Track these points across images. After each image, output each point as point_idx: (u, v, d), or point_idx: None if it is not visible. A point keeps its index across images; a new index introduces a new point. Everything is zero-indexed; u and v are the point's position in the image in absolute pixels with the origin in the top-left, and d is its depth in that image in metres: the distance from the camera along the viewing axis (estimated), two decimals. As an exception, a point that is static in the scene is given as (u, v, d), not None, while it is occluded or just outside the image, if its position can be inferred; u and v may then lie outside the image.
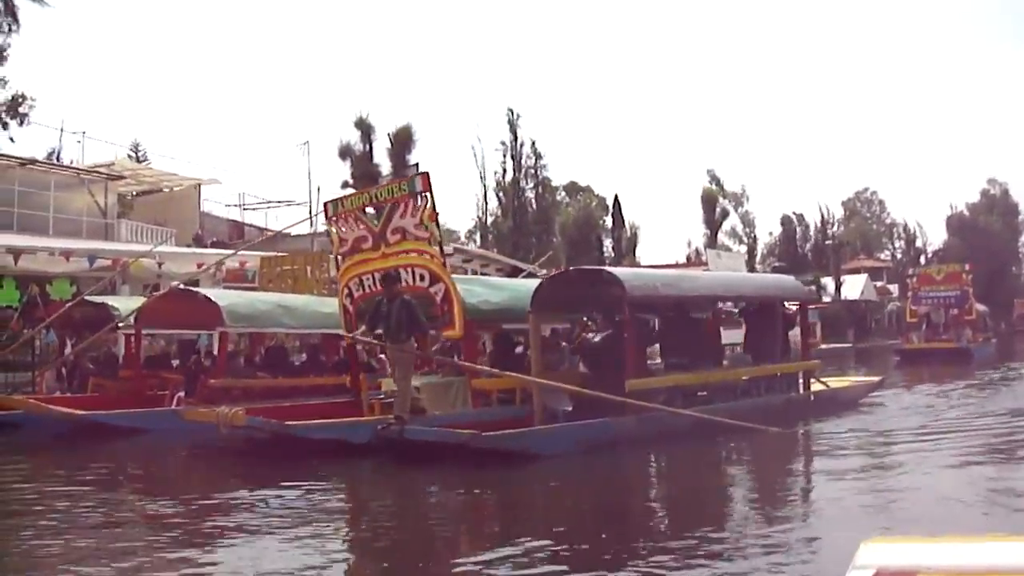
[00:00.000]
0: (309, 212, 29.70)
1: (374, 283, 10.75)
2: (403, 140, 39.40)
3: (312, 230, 25.42)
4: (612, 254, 51.87)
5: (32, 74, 67.61)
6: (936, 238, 74.65)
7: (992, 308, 38.94)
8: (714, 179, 59.09)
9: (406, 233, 10.47)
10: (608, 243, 53.93)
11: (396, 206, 10.54)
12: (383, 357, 12.27)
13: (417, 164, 35.27)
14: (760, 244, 63.73)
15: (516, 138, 47.91)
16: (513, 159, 47.79)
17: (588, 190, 60.27)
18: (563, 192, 58.05)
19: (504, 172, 47.98)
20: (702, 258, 48.75)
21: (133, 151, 38.90)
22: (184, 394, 12.76)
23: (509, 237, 45.77)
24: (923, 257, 69.93)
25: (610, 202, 55.57)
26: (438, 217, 10.42)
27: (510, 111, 48.23)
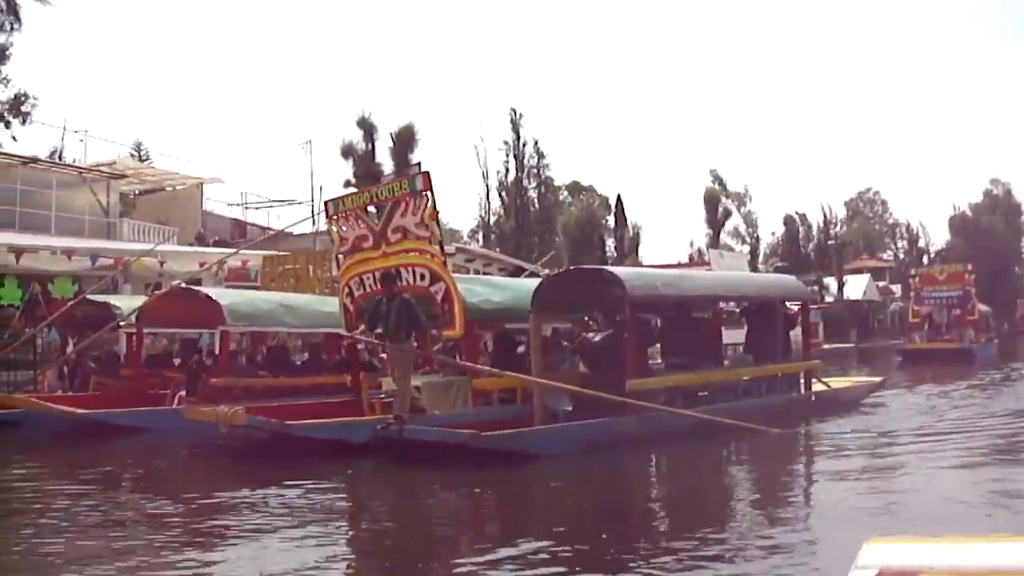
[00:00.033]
0: (311, 211, 29.71)
1: (375, 282, 10.75)
2: (405, 139, 39.50)
3: (314, 229, 25.45)
4: (614, 254, 51.96)
5: (34, 73, 67.73)
6: (939, 238, 74.99)
7: (995, 308, 38.90)
8: (717, 179, 59.35)
9: (407, 232, 10.46)
10: (610, 243, 54.09)
11: (397, 205, 10.53)
12: (385, 356, 12.26)
13: (419, 163, 35.25)
14: (763, 244, 64.00)
15: (519, 138, 48.12)
16: (516, 158, 47.97)
17: (591, 190, 60.30)
18: (565, 192, 58.11)
19: (507, 172, 48.22)
20: (704, 258, 48.82)
21: (135, 150, 38.86)
22: (185, 393, 12.76)
23: (512, 237, 45.84)
24: (926, 257, 70.03)
25: (612, 202, 55.87)
26: (439, 216, 10.42)
27: (513, 111, 48.50)
